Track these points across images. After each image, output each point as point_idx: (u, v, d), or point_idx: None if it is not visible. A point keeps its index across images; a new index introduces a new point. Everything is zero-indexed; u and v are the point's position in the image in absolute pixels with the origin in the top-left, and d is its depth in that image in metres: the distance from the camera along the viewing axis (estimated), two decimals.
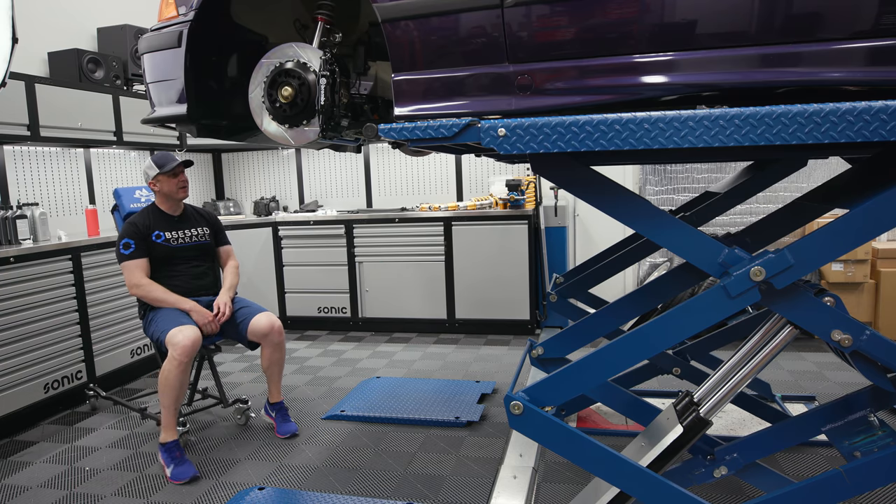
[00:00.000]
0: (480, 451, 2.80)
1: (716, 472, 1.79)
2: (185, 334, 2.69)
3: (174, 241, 3.01)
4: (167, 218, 3.04)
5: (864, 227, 1.34)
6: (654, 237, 1.55)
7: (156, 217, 3.02)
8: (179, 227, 3.06)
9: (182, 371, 2.66)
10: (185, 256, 3.04)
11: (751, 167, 2.59)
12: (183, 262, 3.03)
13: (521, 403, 1.50)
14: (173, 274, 2.99)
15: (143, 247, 2.91)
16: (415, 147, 2.15)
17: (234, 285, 3.11)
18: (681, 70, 1.47)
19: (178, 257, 3.02)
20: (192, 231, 3.09)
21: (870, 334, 1.41)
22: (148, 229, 2.95)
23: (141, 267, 2.90)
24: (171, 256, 3.00)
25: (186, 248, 3.05)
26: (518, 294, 4.66)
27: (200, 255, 3.11)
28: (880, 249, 4.14)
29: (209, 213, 3.25)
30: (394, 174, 5.46)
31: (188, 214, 3.14)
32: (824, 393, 3.30)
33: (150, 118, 2.27)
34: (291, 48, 1.95)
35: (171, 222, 3.05)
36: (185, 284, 2.99)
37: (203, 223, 3.16)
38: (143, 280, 2.89)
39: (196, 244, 3.09)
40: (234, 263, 3.24)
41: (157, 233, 2.97)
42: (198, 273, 3.07)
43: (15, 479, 2.71)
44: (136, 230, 2.92)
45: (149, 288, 2.88)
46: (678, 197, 4.71)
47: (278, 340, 2.98)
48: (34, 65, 3.99)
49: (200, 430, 3.19)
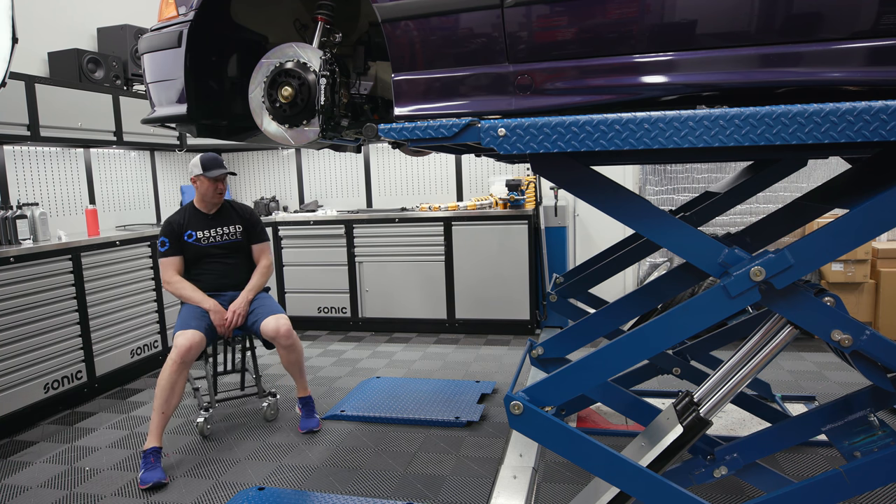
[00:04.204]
0: (480, 451, 2.80)
1: (716, 472, 1.79)
2: (187, 337, 2.76)
3: (204, 241, 3.13)
4: (202, 216, 3.15)
5: (864, 227, 1.34)
6: (654, 237, 1.55)
7: (191, 215, 3.14)
8: (212, 226, 3.16)
9: (175, 371, 2.72)
10: (215, 254, 3.15)
11: (751, 167, 2.59)
12: (212, 259, 3.14)
13: (521, 403, 1.50)
14: (202, 270, 3.12)
15: (176, 245, 3.06)
16: (415, 147, 2.16)
17: (256, 287, 3.15)
18: (681, 70, 1.47)
19: (207, 255, 3.13)
20: (223, 229, 3.18)
21: (870, 334, 1.41)
22: (182, 228, 3.09)
23: (173, 265, 3.05)
24: (201, 254, 3.12)
25: (216, 247, 3.15)
26: (518, 294, 4.66)
27: (230, 252, 3.19)
28: (880, 249, 4.14)
29: (247, 211, 3.31)
30: (394, 174, 5.46)
31: (224, 212, 3.22)
32: (824, 393, 3.30)
33: (150, 118, 2.27)
34: (291, 48, 1.95)
35: (205, 220, 3.15)
36: (212, 281, 3.11)
37: (237, 221, 3.23)
38: (173, 277, 3.04)
39: (226, 242, 3.18)
40: (265, 263, 3.27)
41: (190, 232, 3.10)
42: (225, 270, 3.16)
43: (15, 479, 2.71)
44: (171, 229, 3.07)
45: (177, 285, 3.03)
46: (678, 197, 4.71)
47: (286, 343, 3.00)
48: (34, 65, 3.99)
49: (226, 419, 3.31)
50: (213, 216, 3.17)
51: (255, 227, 3.28)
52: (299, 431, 3.08)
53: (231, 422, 3.27)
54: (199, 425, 3.06)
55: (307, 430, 3.07)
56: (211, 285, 3.10)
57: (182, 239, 3.08)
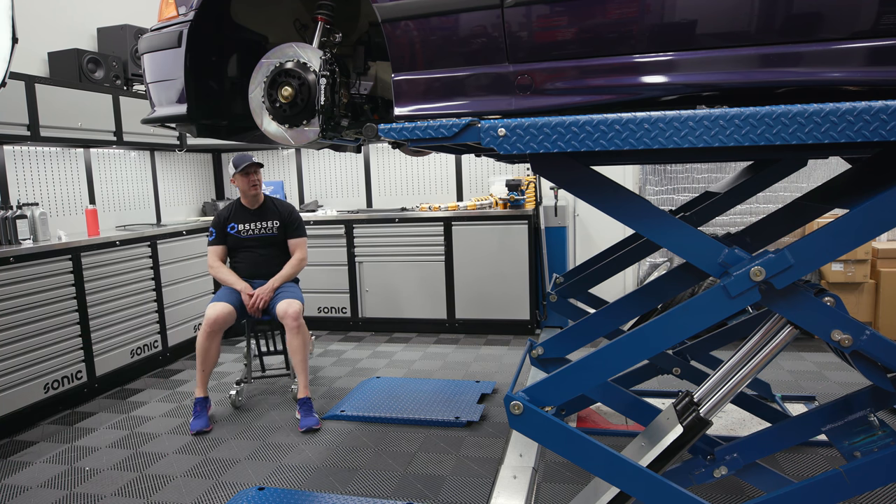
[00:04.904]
0: (480, 451, 2.80)
1: (716, 472, 1.79)
2: (216, 309, 3.23)
3: (243, 233, 3.51)
4: (245, 211, 3.54)
5: (864, 227, 1.34)
6: (654, 237, 1.55)
7: (236, 210, 3.55)
8: (252, 220, 3.53)
9: (206, 338, 3.20)
10: (251, 245, 3.53)
11: (751, 167, 2.59)
12: (248, 249, 3.53)
13: (521, 403, 1.50)
14: (240, 258, 3.53)
15: (221, 235, 3.50)
16: (415, 147, 2.15)
17: (284, 276, 3.47)
18: (681, 70, 1.47)
19: (244, 246, 3.52)
20: (261, 224, 3.55)
21: (870, 334, 1.41)
22: (226, 220, 3.52)
23: (216, 252, 3.49)
24: (239, 245, 3.52)
25: (252, 239, 3.53)
26: (518, 294, 4.66)
27: (265, 244, 3.54)
28: (880, 249, 4.14)
29: (286, 209, 3.63)
30: (394, 174, 5.46)
31: (265, 209, 3.57)
32: (824, 393, 3.30)
33: (150, 118, 2.27)
34: (291, 48, 1.95)
35: (247, 215, 3.54)
36: (246, 269, 3.51)
37: (275, 217, 3.57)
38: (215, 263, 3.49)
39: (262, 236, 3.54)
40: (299, 256, 3.58)
41: (232, 224, 3.51)
42: (259, 260, 3.52)
43: (15, 479, 2.71)
44: (217, 221, 3.52)
45: (217, 270, 3.47)
46: (678, 197, 4.71)
47: (292, 325, 3.22)
48: (34, 65, 3.99)
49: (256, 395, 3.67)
50: (254, 211, 3.54)
51: (292, 223, 3.60)
52: (299, 431, 3.10)
53: (261, 397, 3.60)
54: (231, 397, 3.45)
55: (307, 428, 3.11)
56: (246, 272, 3.49)
57: (225, 230, 3.49)
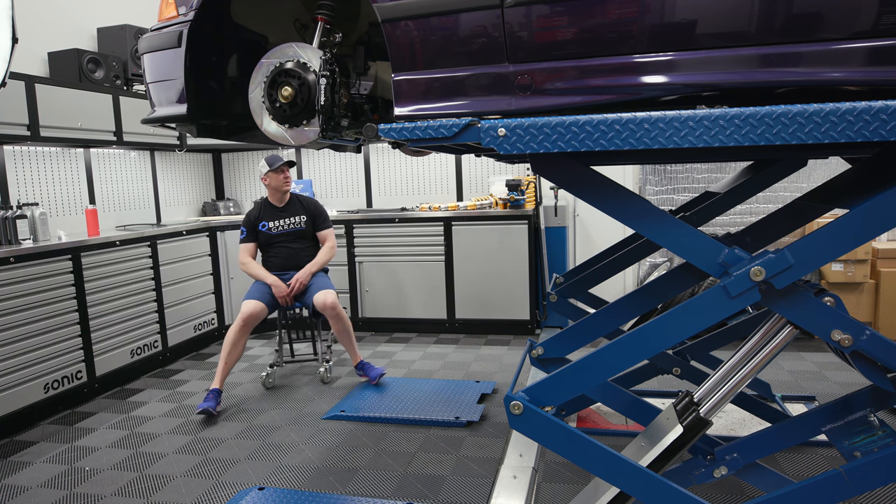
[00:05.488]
0: (480, 451, 2.80)
1: (716, 472, 1.79)
2: (249, 306, 3.53)
3: (274, 229, 3.81)
4: (273, 209, 3.83)
5: (864, 227, 1.34)
6: (654, 237, 1.55)
7: (264, 209, 3.83)
8: (281, 217, 3.83)
9: (238, 332, 3.47)
10: (282, 240, 3.82)
11: (751, 167, 2.59)
12: (280, 244, 3.81)
13: (521, 403, 1.50)
14: (273, 253, 3.81)
15: (252, 233, 3.79)
16: (415, 147, 2.15)
17: (320, 262, 3.81)
18: (681, 70, 1.47)
19: (276, 241, 3.81)
20: (290, 219, 3.84)
21: (870, 334, 1.41)
22: (256, 220, 3.79)
23: (248, 250, 3.77)
24: (271, 241, 3.81)
25: (283, 234, 3.82)
26: (518, 294, 4.66)
27: (295, 238, 3.85)
28: (880, 249, 4.14)
29: (311, 204, 3.94)
30: (394, 174, 5.46)
31: (291, 205, 3.87)
32: (824, 393, 3.30)
33: (150, 118, 2.27)
34: (291, 48, 1.95)
35: (275, 212, 3.83)
36: (279, 262, 3.79)
37: (302, 212, 3.87)
38: (247, 259, 3.76)
39: (292, 230, 3.84)
40: (330, 244, 3.91)
41: (263, 223, 3.80)
42: (290, 254, 3.81)
43: (15, 479, 2.71)
44: (248, 220, 3.80)
45: (249, 266, 3.75)
46: (678, 197, 4.71)
47: (332, 314, 3.61)
48: (34, 65, 3.99)
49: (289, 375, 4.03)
50: (282, 208, 3.83)
51: (318, 216, 3.92)
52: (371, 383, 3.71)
53: (291, 379, 3.94)
54: (262, 378, 3.77)
55: (377, 377, 3.69)
56: (278, 266, 3.77)
57: (256, 228, 3.77)
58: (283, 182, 3.76)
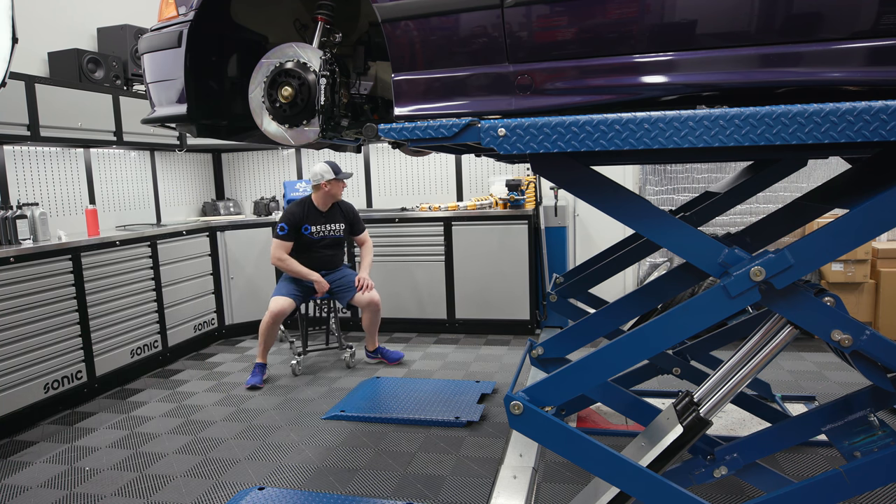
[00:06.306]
0: (480, 451, 2.80)
1: (716, 472, 1.79)
2: (279, 303, 3.77)
3: (316, 234, 3.94)
4: (317, 212, 3.94)
5: (864, 227, 1.34)
6: (654, 237, 1.55)
7: (308, 211, 3.92)
8: (323, 222, 3.96)
9: (269, 325, 3.77)
10: (320, 245, 3.97)
11: (751, 167, 2.59)
12: (317, 249, 3.97)
13: (521, 403, 1.50)
14: (308, 257, 3.93)
15: (293, 233, 3.87)
16: (415, 147, 2.15)
17: (369, 264, 4.09)
18: (681, 70, 1.46)
19: (314, 246, 3.95)
20: (331, 225, 3.99)
21: (870, 334, 1.41)
22: (301, 221, 3.89)
23: (285, 247, 3.86)
24: (311, 245, 3.94)
25: (323, 240, 3.97)
26: (518, 294, 4.66)
27: (332, 244, 4.03)
28: (880, 249, 4.14)
29: (349, 209, 4.10)
30: (394, 174, 5.46)
31: (333, 211, 4.00)
32: (824, 393, 3.30)
33: (150, 118, 2.27)
34: (291, 48, 1.95)
35: (319, 216, 3.94)
36: (313, 264, 3.93)
37: (342, 219, 4.03)
38: (284, 256, 3.86)
39: (331, 237, 4.00)
40: (370, 245, 4.19)
41: (306, 226, 3.90)
42: (325, 258, 4.00)
43: (15, 479, 2.71)
44: (293, 219, 3.86)
45: (288, 262, 3.86)
46: (678, 197, 4.71)
47: (375, 309, 3.99)
48: (34, 65, 3.99)
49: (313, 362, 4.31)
50: (326, 213, 3.95)
51: (356, 222, 4.11)
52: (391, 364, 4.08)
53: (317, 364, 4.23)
54: (292, 367, 4.00)
55: (397, 360, 4.09)
56: (312, 268, 3.90)
57: (299, 230, 3.87)
58: (340, 192, 3.91)
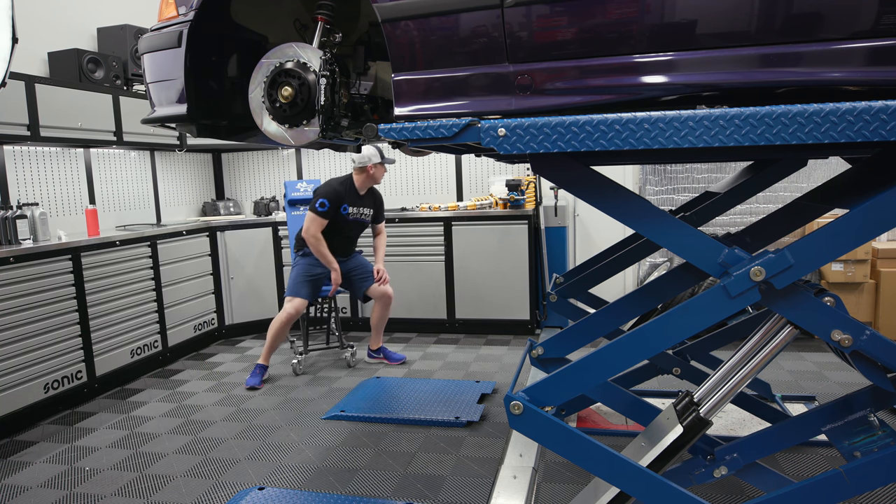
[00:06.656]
0: (480, 451, 2.80)
1: (716, 472, 1.79)
2: (295, 305, 3.76)
3: (351, 216, 3.88)
4: (355, 193, 3.88)
5: (864, 227, 1.34)
6: (654, 237, 1.55)
7: (349, 190, 3.85)
8: (359, 204, 3.91)
9: (283, 325, 3.75)
10: (348, 228, 3.93)
11: (751, 167, 2.59)
12: (346, 230, 3.94)
13: (521, 403, 1.50)
14: (336, 237, 3.86)
15: (332, 210, 3.77)
16: (415, 147, 2.15)
17: (384, 255, 4.12)
18: (681, 70, 1.46)
19: (345, 226, 3.90)
20: (363, 209, 3.95)
21: (870, 334, 1.41)
22: (342, 199, 3.80)
23: (321, 224, 3.76)
24: (341, 225, 3.87)
25: (354, 222, 3.93)
26: (518, 294, 4.66)
27: (358, 227, 4.00)
28: (880, 249, 4.14)
29: (379, 197, 4.08)
30: (394, 174, 5.45)
31: (368, 195, 3.96)
32: (824, 393, 3.30)
33: (150, 118, 2.27)
34: (291, 48, 1.95)
35: (356, 198, 3.89)
36: (337, 246, 3.89)
37: (371, 204, 3.98)
38: (319, 234, 3.77)
39: (360, 220, 3.96)
40: (384, 236, 4.18)
41: (345, 206, 3.83)
42: (347, 242, 3.99)
43: (15, 479, 2.71)
44: (335, 195, 3.77)
45: (321, 243, 3.77)
46: (678, 197, 4.71)
47: (388, 302, 3.99)
48: (34, 65, 3.99)
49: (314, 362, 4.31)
50: (363, 196, 3.91)
51: (381, 210, 4.09)
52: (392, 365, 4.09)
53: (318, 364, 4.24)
54: (293, 366, 4.01)
55: (400, 361, 4.10)
56: (336, 250, 3.86)
57: (338, 209, 3.78)
58: (381, 177, 3.88)
